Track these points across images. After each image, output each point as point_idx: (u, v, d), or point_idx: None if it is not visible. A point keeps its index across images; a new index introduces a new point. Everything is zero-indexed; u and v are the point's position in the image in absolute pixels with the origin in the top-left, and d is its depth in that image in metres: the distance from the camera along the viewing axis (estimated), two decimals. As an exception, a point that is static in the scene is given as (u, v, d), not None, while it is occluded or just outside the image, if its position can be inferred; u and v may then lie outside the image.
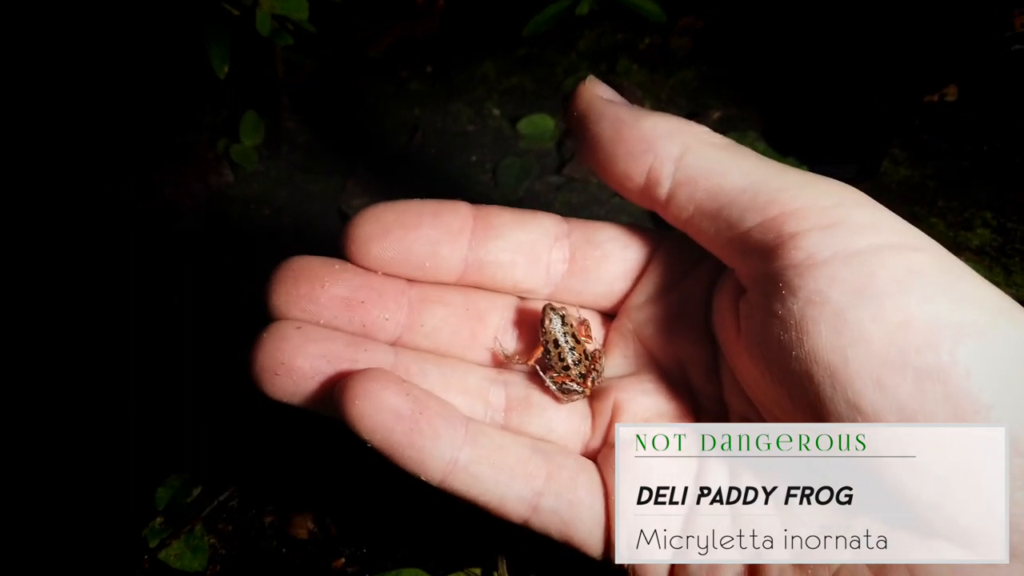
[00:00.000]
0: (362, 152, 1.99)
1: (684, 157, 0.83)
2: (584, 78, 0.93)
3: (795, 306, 0.75)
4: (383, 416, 0.83)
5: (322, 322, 0.92)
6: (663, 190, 0.85)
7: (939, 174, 1.76)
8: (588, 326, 1.03)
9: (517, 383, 1.01)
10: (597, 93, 0.90)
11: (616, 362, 1.02)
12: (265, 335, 0.89)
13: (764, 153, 1.94)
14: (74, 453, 1.47)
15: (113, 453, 1.44)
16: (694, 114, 1.96)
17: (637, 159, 0.85)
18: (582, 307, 1.04)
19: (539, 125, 1.97)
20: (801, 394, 0.76)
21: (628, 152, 0.85)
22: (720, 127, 1.86)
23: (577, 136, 0.91)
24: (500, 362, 1.02)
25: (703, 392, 0.96)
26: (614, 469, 0.90)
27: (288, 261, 0.93)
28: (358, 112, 2.14)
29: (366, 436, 0.83)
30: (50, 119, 2.05)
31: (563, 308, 1.00)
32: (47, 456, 1.46)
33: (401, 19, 2.47)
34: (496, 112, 2.06)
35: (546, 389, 1.00)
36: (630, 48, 2.20)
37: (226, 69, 1.55)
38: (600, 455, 0.96)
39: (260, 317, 0.95)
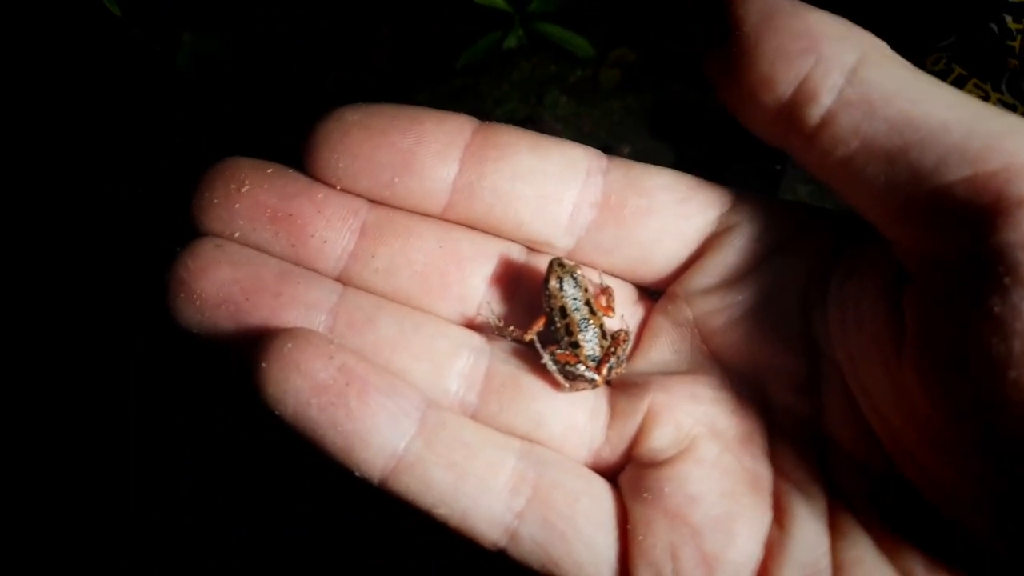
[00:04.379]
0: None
1: (861, 69, 0.59)
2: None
3: None
4: (296, 383, 0.64)
5: (237, 236, 0.72)
6: (818, 110, 0.61)
7: (839, 206, 1.81)
8: (611, 296, 0.79)
9: (504, 356, 0.76)
10: None
11: (662, 355, 0.77)
12: (181, 252, 0.72)
13: (668, 187, 2.01)
14: (74, 452, 1.52)
15: (113, 453, 1.48)
16: (607, 148, 2.02)
17: (791, 60, 0.61)
18: (610, 273, 0.79)
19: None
20: (1002, 440, 0.52)
21: (779, 48, 0.61)
22: (628, 161, 1.92)
23: (703, 24, 0.67)
24: (485, 330, 0.78)
25: (788, 412, 0.71)
26: (643, 497, 0.68)
27: (218, 163, 0.75)
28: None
29: (275, 407, 0.66)
30: (56, 123, 2.10)
31: (577, 266, 0.77)
32: (47, 453, 1.51)
33: (356, 47, 2.55)
34: (423, 142, 2.13)
35: (543, 370, 0.75)
36: (561, 80, 2.26)
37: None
38: (624, 476, 0.72)
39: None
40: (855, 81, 0.59)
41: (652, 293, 0.80)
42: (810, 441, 0.69)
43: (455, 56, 2.26)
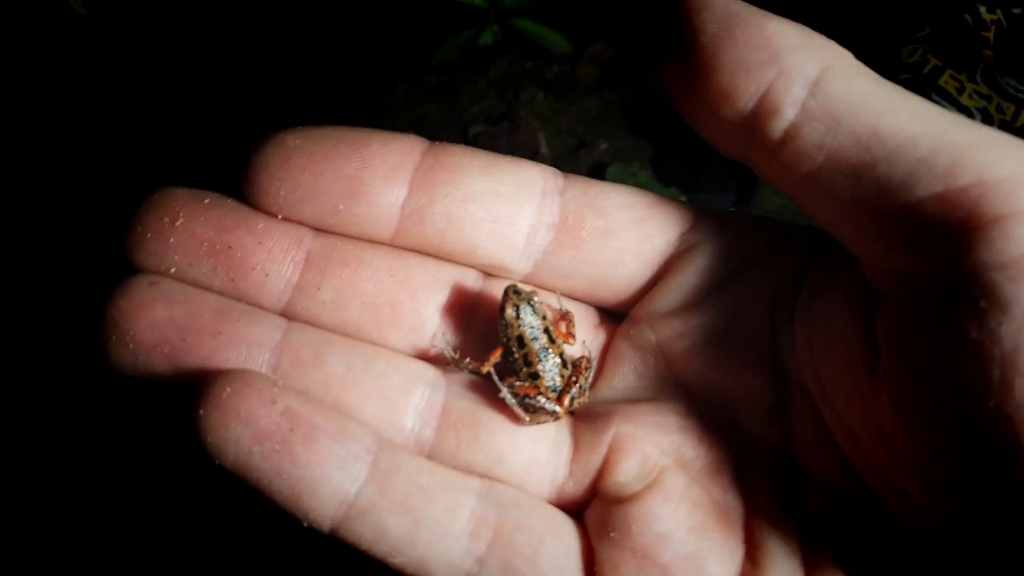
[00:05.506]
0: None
1: (824, 80, 0.57)
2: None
3: (1004, 328, 0.48)
4: (236, 431, 0.61)
5: (173, 271, 0.68)
6: (780, 123, 0.59)
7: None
8: (571, 321, 0.75)
9: (461, 390, 0.73)
10: None
11: (626, 382, 0.74)
12: (112, 291, 0.68)
13: (647, 183, 2.01)
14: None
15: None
16: (583, 145, 2.01)
17: (751, 71, 0.59)
18: (569, 296, 0.76)
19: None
20: (983, 469, 0.50)
21: (739, 60, 0.59)
22: (607, 157, 1.91)
23: (664, 34, 0.64)
24: (440, 363, 0.74)
25: (757, 439, 0.68)
26: (610, 536, 0.65)
27: (151, 194, 0.71)
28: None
29: (215, 457, 0.62)
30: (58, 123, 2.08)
31: (534, 292, 0.74)
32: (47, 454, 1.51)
33: (339, 40, 2.52)
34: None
35: (502, 403, 0.72)
36: (538, 76, 2.25)
37: None
38: (589, 512, 0.69)
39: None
40: (818, 93, 0.57)
41: (614, 316, 0.77)
42: (781, 468, 0.67)
43: (430, 53, 2.24)
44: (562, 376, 0.74)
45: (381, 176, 0.69)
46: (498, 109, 2.17)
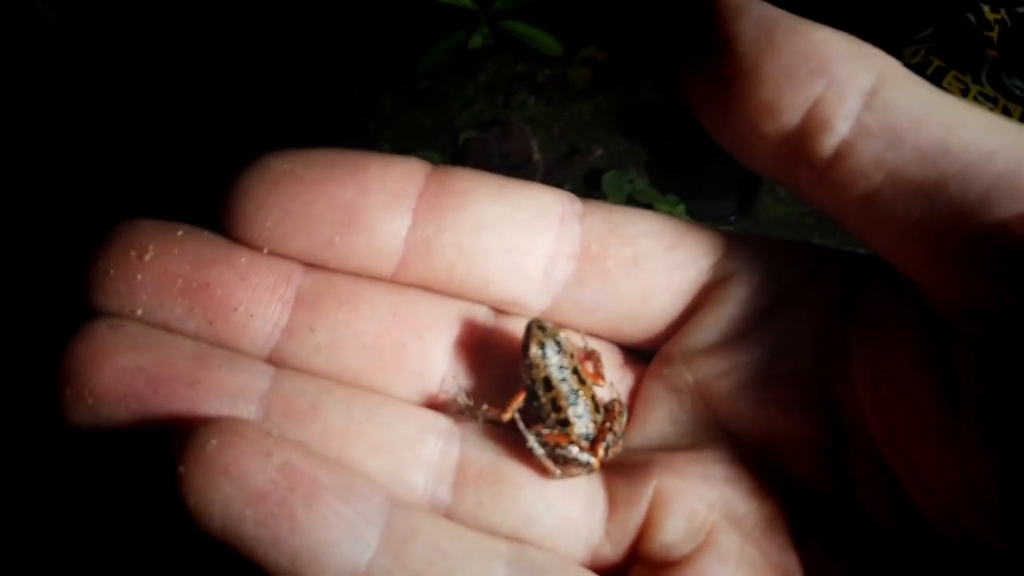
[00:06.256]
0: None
1: (880, 91, 0.51)
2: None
3: None
4: (224, 491, 0.52)
5: (140, 313, 0.60)
6: (832, 139, 0.53)
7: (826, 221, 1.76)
8: (599, 361, 0.68)
9: (478, 440, 0.65)
10: None
11: (660, 428, 0.67)
12: (69, 338, 0.60)
13: (643, 191, 1.94)
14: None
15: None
16: (577, 151, 1.96)
17: (797, 82, 0.53)
18: (591, 334, 0.69)
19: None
20: None
21: (784, 70, 0.53)
22: (602, 163, 1.85)
23: (691, 42, 0.58)
24: (452, 410, 0.66)
25: (811, 487, 0.61)
26: None
27: (115, 227, 0.63)
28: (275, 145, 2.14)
29: (199, 523, 0.53)
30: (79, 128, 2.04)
31: (560, 329, 0.66)
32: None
33: (341, 42, 2.45)
34: (387, 148, 2.05)
35: (526, 454, 0.64)
36: (529, 80, 2.19)
37: None
38: None
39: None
40: (875, 105, 0.51)
41: (638, 354, 0.70)
42: (839, 520, 0.59)
43: (418, 58, 2.18)
44: (595, 422, 0.66)
45: (382, 203, 0.62)
46: (489, 114, 2.12)
